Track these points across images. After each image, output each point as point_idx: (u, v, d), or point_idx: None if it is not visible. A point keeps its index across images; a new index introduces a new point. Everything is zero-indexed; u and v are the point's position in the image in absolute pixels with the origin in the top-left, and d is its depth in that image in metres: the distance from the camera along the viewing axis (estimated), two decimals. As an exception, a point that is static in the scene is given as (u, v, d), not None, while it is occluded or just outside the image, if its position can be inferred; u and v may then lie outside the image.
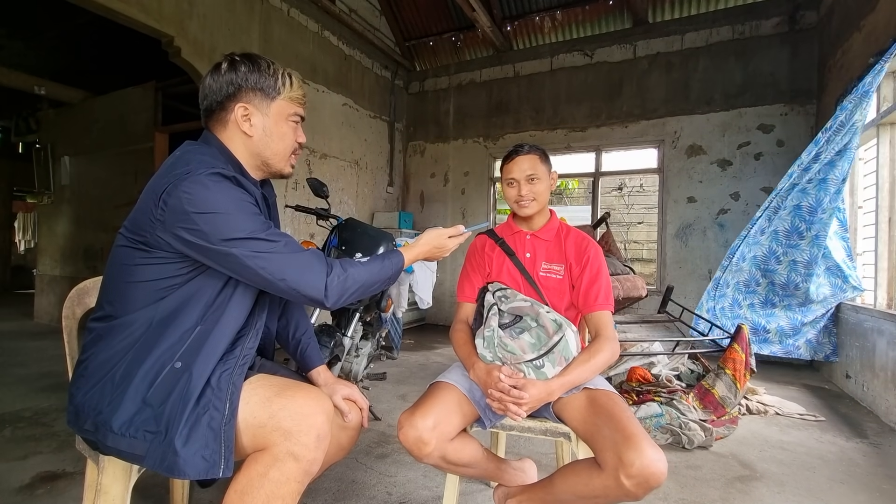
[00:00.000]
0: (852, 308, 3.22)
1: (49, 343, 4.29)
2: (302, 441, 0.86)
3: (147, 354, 0.92)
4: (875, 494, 1.82)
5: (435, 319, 5.99)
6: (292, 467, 0.86)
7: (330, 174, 4.96)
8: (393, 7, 5.84)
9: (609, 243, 3.64)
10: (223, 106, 1.02)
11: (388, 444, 2.15)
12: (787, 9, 4.35)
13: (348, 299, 1.00)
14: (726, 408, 2.48)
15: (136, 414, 0.89)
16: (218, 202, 0.89)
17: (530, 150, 1.44)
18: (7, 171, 8.79)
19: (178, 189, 0.89)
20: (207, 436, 0.85)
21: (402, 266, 1.13)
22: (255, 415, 0.89)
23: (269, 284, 0.94)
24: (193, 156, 0.97)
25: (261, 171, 1.09)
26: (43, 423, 2.34)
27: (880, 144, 2.99)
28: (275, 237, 0.94)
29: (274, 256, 0.92)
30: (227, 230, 0.89)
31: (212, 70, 1.04)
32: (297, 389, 0.93)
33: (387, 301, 2.43)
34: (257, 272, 0.92)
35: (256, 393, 0.92)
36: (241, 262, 0.91)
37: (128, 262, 0.95)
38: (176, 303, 0.95)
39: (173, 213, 0.89)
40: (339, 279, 0.97)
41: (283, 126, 1.07)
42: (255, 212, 0.95)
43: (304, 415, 0.88)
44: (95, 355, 0.95)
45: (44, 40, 5.00)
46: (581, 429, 1.19)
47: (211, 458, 0.85)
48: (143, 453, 0.88)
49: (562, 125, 5.38)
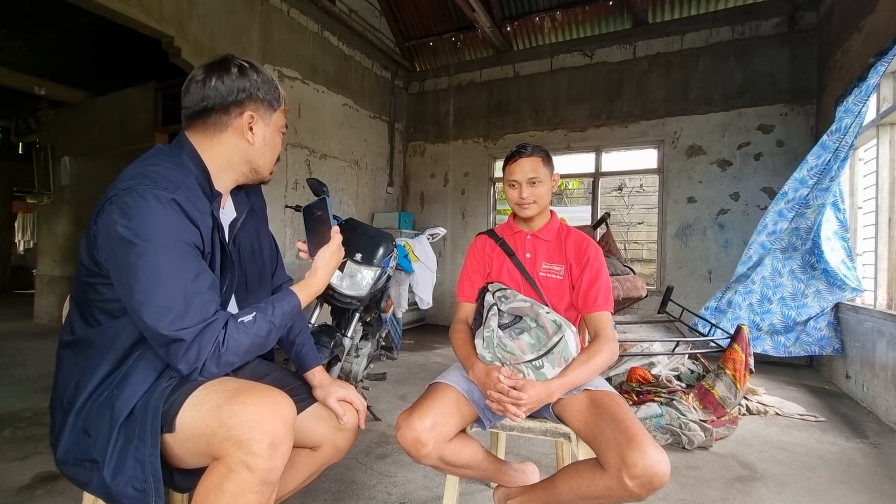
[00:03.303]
0: (852, 308, 3.22)
1: (49, 343, 4.29)
2: (254, 450, 0.81)
3: (89, 380, 0.91)
4: (875, 495, 1.82)
5: (435, 320, 5.99)
6: (247, 477, 0.82)
7: (330, 174, 4.96)
8: (393, 7, 5.84)
9: (609, 244, 3.64)
10: (227, 110, 1.00)
11: (387, 445, 2.15)
12: (787, 9, 4.35)
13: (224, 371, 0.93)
14: (726, 408, 2.48)
15: (76, 444, 0.89)
16: (150, 230, 0.85)
17: (533, 151, 1.43)
18: (7, 172, 8.78)
19: (112, 205, 0.86)
20: (135, 468, 0.84)
21: (297, 309, 1.03)
22: (206, 423, 0.85)
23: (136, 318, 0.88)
24: (148, 167, 0.92)
25: (244, 177, 1.08)
26: (43, 424, 2.34)
27: (880, 144, 2.99)
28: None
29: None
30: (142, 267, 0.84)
31: (215, 71, 0.99)
32: (250, 393, 0.87)
33: (387, 301, 2.43)
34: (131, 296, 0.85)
35: (209, 399, 0.87)
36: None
37: (87, 279, 0.93)
38: (121, 325, 0.93)
39: (102, 234, 0.87)
40: (214, 357, 0.89)
41: (277, 137, 1.09)
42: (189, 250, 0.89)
43: (254, 421, 0.83)
44: (59, 370, 0.96)
45: (44, 40, 5.01)
46: (583, 430, 1.19)
47: (142, 488, 0.83)
48: (86, 480, 0.88)
49: (562, 125, 5.38)
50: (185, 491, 0.99)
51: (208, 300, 0.88)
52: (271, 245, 1.25)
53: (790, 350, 3.49)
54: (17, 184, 8.73)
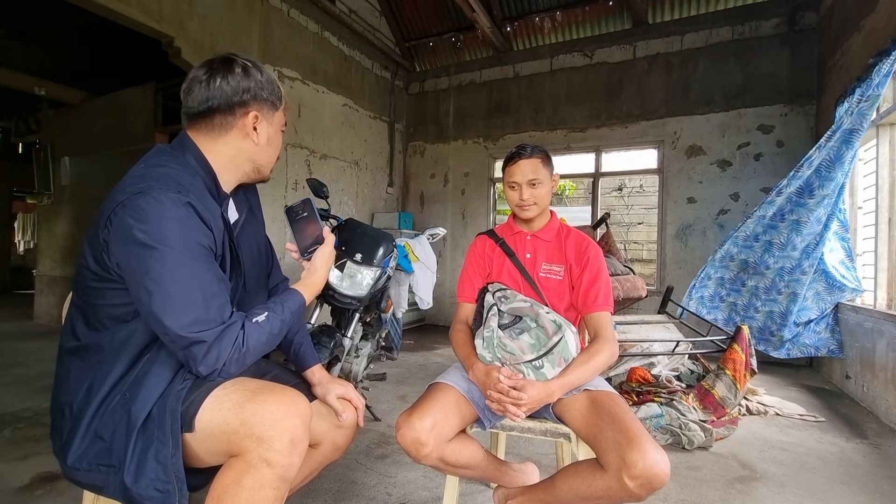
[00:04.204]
0: (852, 309, 3.22)
1: (49, 343, 4.29)
2: (275, 447, 0.84)
3: (101, 385, 0.91)
4: (875, 495, 1.82)
5: (435, 320, 5.99)
6: (266, 473, 0.84)
7: (330, 175, 4.95)
8: (393, 8, 5.84)
9: (609, 244, 3.65)
10: (232, 111, 0.99)
11: (387, 445, 2.15)
12: (787, 9, 4.35)
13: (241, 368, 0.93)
14: (726, 408, 2.48)
15: (89, 449, 0.89)
16: (167, 234, 0.85)
17: (533, 152, 1.43)
18: (7, 172, 8.79)
19: (126, 209, 0.85)
20: (157, 469, 0.85)
21: (303, 307, 1.06)
22: (227, 421, 0.87)
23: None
24: (154, 169, 0.92)
25: (247, 176, 1.08)
26: (43, 424, 2.34)
27: (880, 144, 2.99)
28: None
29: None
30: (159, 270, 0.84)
31: (219, 71, 0.98)
32: (270, 393, 0.90)
33: (387, 301, 2.43)
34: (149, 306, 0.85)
35: (230, 398, 0.89)
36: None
37: (93, 283, 0.92)
38: (132, 329, 0.92)
39: (117, 238, 0.86)
40: (239, 353, 0.90)
41: (278, 136, 1.10)
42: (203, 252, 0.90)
43: (276, 419, 0.85)
44: (65, 376, 0.95)
45: (44, 40, 5.00)
46: (583, 430, 1.19)
47: (165, 489, 0.84)
48: (101, 484, 0.88)
49: (562, 126, 5.38)
50: (196, 489, 1.00)
51: (225, 302, 0.90)
52: (267, 245, 1.26)
53: (791, 352, 3.49)
54: (17, 184, 8.73)
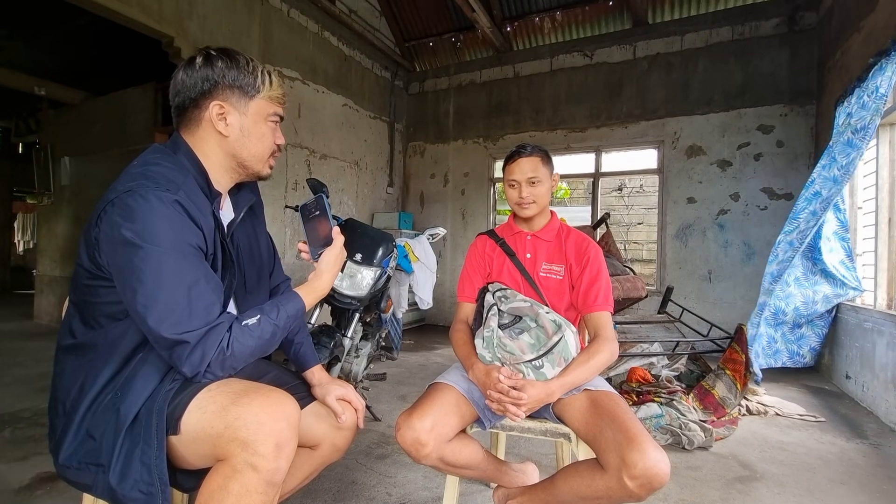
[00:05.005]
0: (852, 308, 3.22)
1: (49, 343, 4.28)
2: (260, 451, 0.82)
3: (93, 383, 0.90)
4: (875, 495, 1.82)
5: (435, 320, 5.99)
6: (252, 478, 0.82)
7: (330, 175, 4.96)
8: (393, 8, 5.84)
9: (609, 244, 3.65)
10: (197, 104, 0.97)
11: (387, 445, 2.15)
12: (787, 9, 4.35)
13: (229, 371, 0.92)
14: (726, 408, 2.48)
15: (80, 447, 0.89)
16: (154, 232, 0.84)
17: (532, 151, 1.43)
18: (7, 172, 8.79)
19: (115, 207, 0.85)
20: (141, 471, 0.84)
21: (302, 312, 1.03)
22: (212, 424, 0.85)
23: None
24: (148, 167, 0.92)
25: (236, 173, 1.05)
26: (43, 424, 2.34)
27: (880, 144, 2.99)
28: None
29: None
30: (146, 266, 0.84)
31: (185, 64, 0.97)
32: (255, 395, 0.87)
33: (387, 301, 2.43)
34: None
35: (214, 401, 0.87)
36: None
37: (87, 281, 0.92)
38: (125, 327, 0.92)
39: (106, 236, 0.86)
40: (223, 356, 0.89)
41: (262, 126, 1.02)
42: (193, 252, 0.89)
43: (260, 423, 0.83)
44: (60, 373, 0.95)
45: (44, 40, 5.01)
46: (583, 430, 1.19)
47: (148, 491, 0.83)
48: (90, 483, 0.88)
49: (562, 126, 5.39)
50: (188, 491, 0.99)
51: (212, 303, 0.88)
52: (269, 245, 1.25)
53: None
54: (17, 184, 8.73)
